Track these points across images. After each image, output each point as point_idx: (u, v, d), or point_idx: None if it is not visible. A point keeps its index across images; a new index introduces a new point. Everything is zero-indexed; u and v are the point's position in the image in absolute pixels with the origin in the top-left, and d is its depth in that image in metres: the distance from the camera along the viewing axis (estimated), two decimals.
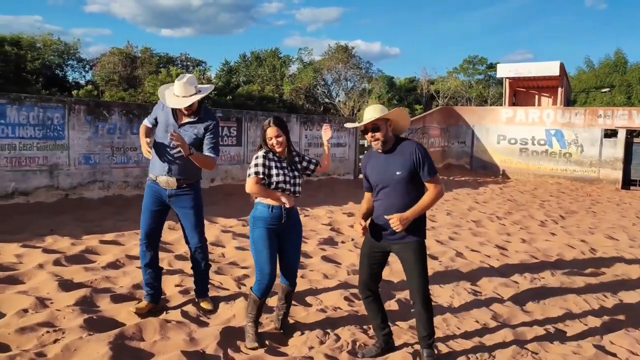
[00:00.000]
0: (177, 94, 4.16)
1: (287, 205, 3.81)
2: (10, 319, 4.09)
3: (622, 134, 17.39)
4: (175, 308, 4.54)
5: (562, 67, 20.33)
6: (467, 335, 4.27)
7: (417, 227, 3.58)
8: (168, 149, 4.22)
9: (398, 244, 3.62)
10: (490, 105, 40.51)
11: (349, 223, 8.77)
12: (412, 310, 3.76)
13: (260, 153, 3.83)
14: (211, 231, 7.44)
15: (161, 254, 4.63)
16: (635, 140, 17.90)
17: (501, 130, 19.17)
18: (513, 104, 22.51)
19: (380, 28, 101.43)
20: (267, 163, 3.80)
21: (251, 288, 3.99)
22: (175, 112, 4.27)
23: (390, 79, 45.90)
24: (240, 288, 5.16)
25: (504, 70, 21.32)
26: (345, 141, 15.50)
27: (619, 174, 17.36)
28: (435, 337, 3.83)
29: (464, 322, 4.56)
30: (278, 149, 3.85)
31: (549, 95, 23.56)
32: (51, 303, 4.47)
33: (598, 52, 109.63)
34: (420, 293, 3.59)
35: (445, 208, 11.15)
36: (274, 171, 3.81)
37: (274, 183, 3.80)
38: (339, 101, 43.80)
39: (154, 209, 4.37)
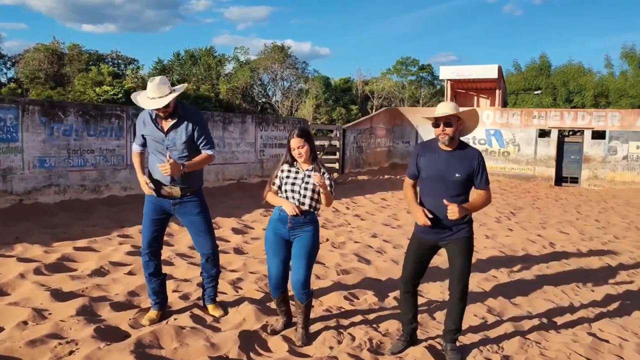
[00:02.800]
0: (152, 96, 3.98)
1: (288, 213, 3.88)
2: (13, 332, 3.89)
3: (554, 134, 18.49)
4: (179, 312, 4.47)
5: (500, 70, 21.32)
6: (471, 329, 4.47)
7: (467, 224, 3.76)
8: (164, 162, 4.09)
9: (449, 241, 3.75)
10: (423, 105, 41.82)
11: None
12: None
13: (280, 166, 4.09)
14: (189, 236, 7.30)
15: None
16: (566, 139, 19.11)
17: None
18: None
19: (310, 28, 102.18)
20: (280, 174, 4.06)
21: None
22: (158, 122, 4.12)
23: (327, 79, 46.29)
24: (237, 292, 5.13)
25: (446, 72, 22.12)
26: None
27: (552, 172, 18.45)
28: (440, 331, 4.01)
29: (464, 317, 4.74)
30: (300, 159, 3.97)
31: (487, 97, 24.65)
32: (49, 314, 4.28)
33: (518, 56, 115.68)
34: (460, 285, 3.77)
35: (403, 207, 11.43)
36: (284, 182, 4.01)
37: (283, 191, 4.01)
38: (276, 101, 43.76)
39: (156, 218, 4.25)
